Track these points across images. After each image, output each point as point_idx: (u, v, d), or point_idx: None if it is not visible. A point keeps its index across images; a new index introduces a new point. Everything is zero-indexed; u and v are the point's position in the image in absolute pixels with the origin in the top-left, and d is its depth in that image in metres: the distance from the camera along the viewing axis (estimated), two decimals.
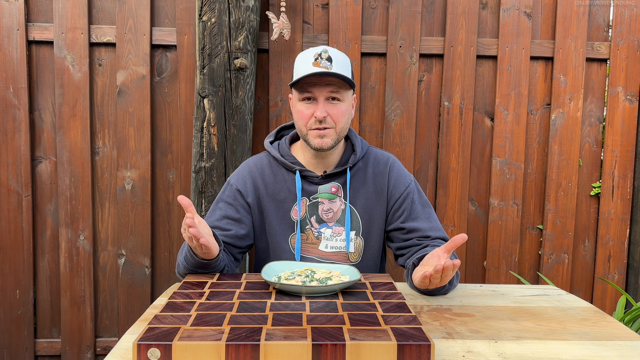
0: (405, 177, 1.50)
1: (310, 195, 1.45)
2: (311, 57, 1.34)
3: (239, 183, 1.47)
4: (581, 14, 2.26)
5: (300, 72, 1.35)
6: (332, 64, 1.33)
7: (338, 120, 1.37)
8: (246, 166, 1.51)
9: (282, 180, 1.47)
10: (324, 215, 1.45)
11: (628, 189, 2.35)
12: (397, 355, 0.78)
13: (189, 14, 2.16)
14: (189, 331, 0.83)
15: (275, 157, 1.47)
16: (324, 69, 1.32)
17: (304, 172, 1.44)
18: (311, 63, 1.33)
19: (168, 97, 2.23)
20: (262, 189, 1.47)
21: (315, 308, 0.97)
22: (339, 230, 1.45)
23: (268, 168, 1.49)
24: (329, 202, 1.45)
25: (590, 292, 2.40)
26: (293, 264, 1.23)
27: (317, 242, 1.45)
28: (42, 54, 2.17)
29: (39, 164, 2.21)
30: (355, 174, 1.47)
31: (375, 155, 1.52)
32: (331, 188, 1.45)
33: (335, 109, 1.37)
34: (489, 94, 2.30)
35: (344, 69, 1.36)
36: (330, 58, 1.33)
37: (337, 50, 1.38)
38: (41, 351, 2.26)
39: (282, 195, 1.46)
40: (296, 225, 1.45)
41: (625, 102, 2.31)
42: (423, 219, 1.45)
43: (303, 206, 1.45)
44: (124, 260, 2.25)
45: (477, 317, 1.10)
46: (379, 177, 1.48)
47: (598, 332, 1.02)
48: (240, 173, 1.50)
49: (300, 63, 1.36)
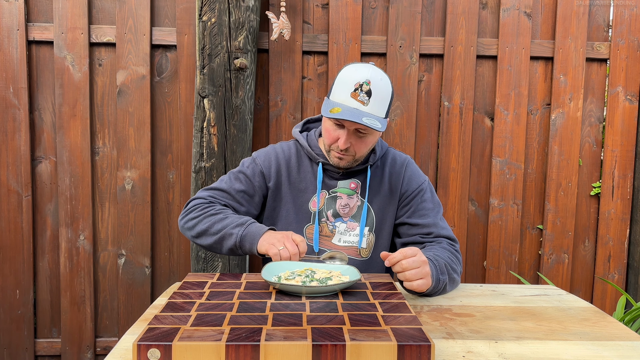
0: (419, 176, 1.53)
1: (330, 189, 1.48)
2: (351, 85, 1.32)
3: (264, 164, 1.49)
4: (581, 14, 2.26)
5: (337, 95, 1.34)
6: (370, 99, 1.31)
7: (359, 150, 1.39)
8: (274, 150, 1.52)
9: (305, 170, 1.49)
10: (341, 210, 1.47)
11: (628, 189, 2.35)
12: (397, 355, 0.78)
13: (189, 14, 2.16)
14: (189, 331, 0.83)
15: (303, 145, 1.49)
16: (360, 104, 1.30)
17: (326, 166, 1.47)
18: (349, 93, 1.31)
19: (168, 97, 2.23)
20: (285, 176, 1.49)
21: (316, 308, 0.96)
22: (352, 225, 1.47)
23: (295, 156, 1.51)
24: (347, 197, 1.48)
25: (590, 292, 2.40)
26: (293, 264, 1.23)
27: (331, 235, 1.47)
28: (42, 54, 2.17)
29: (39, 164, 2.21)
30: (374, 172, 1.50)
31: (393, 156, 1.55)
32: (350, 184, 1.48)
33: (360, 141, 1.37)
34: (489, 94, 2.30)
35: (381, 104, 1.34)
36: (370, 92, 1.31)
37: (381, 79, 1.33)
38: (41, 351, 2.26)
39: (303, 185, 1.49)
40: (313, 216, 1.47)
41: (625, 102, 2.31)
42: (430, 217, 1.46)
43: (322, 198, 1.47)
44: (124, 260, 2.25)
45: (477, 317, 1.10)
46: (394, 177, 1.51)
47: (598, 332, 1.02)
48: (267, 154, 1.51)
49: (340, 85, 1.34)
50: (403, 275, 1.15)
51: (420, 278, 1.16)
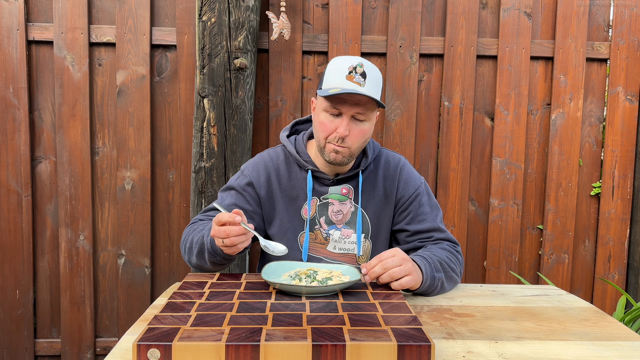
0: (415, 179, 1.49)
1: (321, 196, 1.44)
2: (345, 69, 1.30)
3: (252, 175, 1.46)
4: (581, 14, 2.26)
5: (332, 82, 1.31)
6: (366, 80, 1.30)
7: (356, 140, 1.34)
8: (261, 159, 1.49)
9: (295, 177, 1.46)
10: (334, 217, 1.44)
11: (628, 189, 2.35)
12: (398, 355, 0.78)
13: (189, 14, 2.16)
14: (189, 331, 0.82)
15: (290, 152, 1.46)
16: (357, 85, 1.28)
17: (316, 173, 1.43)
18: (344, 76, 1.30)
19: (168, 97, 2.23)
20: (276, 184, 1.46)
21: (316, 308, 0.96)
22: (347, 232, 1.44)
23: (284, 164, 1.47)
24: (339, 203, 1.44)
25: (590, 292, 2.40)
26: (293, 263, 1.23)
27: (325, 242, 1.44)
28: (42, 54, 2.17)
29: (39, 164, 2.21)
30: (366, 177, 1.46)
31: (387, 158, 1.50)
32: (342, 190, 1.44)
33: (358, 128, 1.34)
34: (489, 94, 2.30)
35: (376, 87, 1.33)
36: (365, 74, 1.30)
37: (372, 65, 1.33)
38: (41, 351, 2.26)
39: (294, 193, 1.45)
40: (305, 224, 1.44)
41: (626, 102, 2.31)
42: (429, 222, 1.44)
43: (313, 206, 1.44)
44: (123, 260, 2.25)
45: (478, 317, 1.09)
46: (388, 180, 1.47)
47: (598, 332, 1.01)
48: (255, 165, 1.48)
49: (333, 72, 1.33)
50: (388, 275, 1.13)
51: (407, 274, 1.14)
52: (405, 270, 1.14)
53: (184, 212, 2.25)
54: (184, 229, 2.26)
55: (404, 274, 1.14)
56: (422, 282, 1.20)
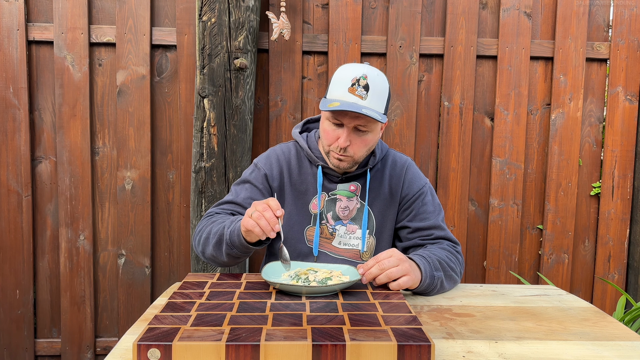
0: (419, 179, 1.51)
1: (330, 192, 1.47)
2: (348, 81, 1.31)
3: (266, 167, 1.48)
4: (581, 14, 2.26)
5: (334, 93, 1.33)
6: (369, 93, 1.30)
7: (358, 150, 1.37)
8: (274, 152, 1.52)
9: (305, 172, 1.48)
10: (341, 213, 1.46)
11: (628, 189, 2.35)
12: (398, 355, 0.78)
13: (189, 14, 2.16)
14: (189, 331, 0.83)
15: (303, 147, 1.48)
16: (358, 98, 1.29)
17: (326, 169, 1.46)
18: (347, 88, 1.30)
19: (168, 97, 2.23)
20: (287, 178, 1.48)
21: (316, 308, 0.96)
22: (352, 228, 1.47)
23: (295, 158, 1.50)
24: (347, 199, 1.47)
25: (590, 292, 2.40)
26: (293, 263, 1.23)
27: (331, 237, 1.47)
28: (42, 54, 2.17)
29: (39, 164, 2.21)
30: (374, 175, 1.49)
31: (394, 158, 1.53)
32: (350, 187, 1.47)
33: (360, 139, 1.36)
34: (489, 94, 2.30)
35: (379, 99, 1.33)
36: (368, 86, 1.30)
37: (378, 75, 1.33)
38: (41, 351, 2.26)
39: (304, 187, 1.48)
40: (314, 218, 1.46)
41: (625, 102, 2.31)
42: (431, 220, 1.46)
43: (322, 201, 1.47)
44: (124, 260, 2.25)
45: (478, 317, 1.10)
46: (394, 180, 1.50)
47: (598, 332, 1.02)
48: (268, 157, 1.51)
49: (337, 83, 1.34)
50: (386, 276, 1.13)
51: (404, 275, 1.15)
52: (403, 271, 1.15)
53: (184, 212, 2.25)
54: (184, 229, 2.26)
55: (401, 274, 1.15)
56: (421, 281, 1.20)
